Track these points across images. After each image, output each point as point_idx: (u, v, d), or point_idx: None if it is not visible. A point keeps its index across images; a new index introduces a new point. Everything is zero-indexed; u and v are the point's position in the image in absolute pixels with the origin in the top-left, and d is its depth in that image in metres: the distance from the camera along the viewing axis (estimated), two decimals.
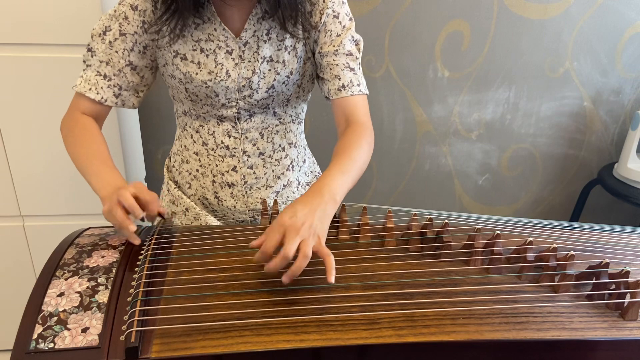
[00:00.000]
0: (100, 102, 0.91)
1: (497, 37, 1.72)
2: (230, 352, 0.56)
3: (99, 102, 0.91)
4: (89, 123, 0.92)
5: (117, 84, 0.91)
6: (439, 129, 1.86)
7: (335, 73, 0.92)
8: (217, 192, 1.01)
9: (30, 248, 1.50)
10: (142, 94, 0.96)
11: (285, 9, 0.86)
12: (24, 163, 1.38)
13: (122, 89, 0.92)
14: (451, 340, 0.59)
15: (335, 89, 0.92)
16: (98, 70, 0.91)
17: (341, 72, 0.92)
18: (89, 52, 0.91)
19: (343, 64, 0.92)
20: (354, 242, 0.79)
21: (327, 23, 0.91)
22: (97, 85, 0.91)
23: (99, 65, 0.90)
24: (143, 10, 0.88)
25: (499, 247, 0.75)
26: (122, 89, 0.92)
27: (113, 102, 0.92)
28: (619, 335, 0.62)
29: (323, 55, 0.92)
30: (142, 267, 0.68)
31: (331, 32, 0.91)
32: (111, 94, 0.92)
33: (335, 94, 0.92)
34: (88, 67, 0.92)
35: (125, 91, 0.93)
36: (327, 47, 0.92)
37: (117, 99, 0.93)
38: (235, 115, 0.95)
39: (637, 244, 0.85)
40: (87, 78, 0.91)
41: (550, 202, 2.05)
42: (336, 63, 0.92)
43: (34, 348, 0.56)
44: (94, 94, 0.90)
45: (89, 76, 0.91)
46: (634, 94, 1.86)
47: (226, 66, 0.90)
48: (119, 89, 0.92)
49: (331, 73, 0.92)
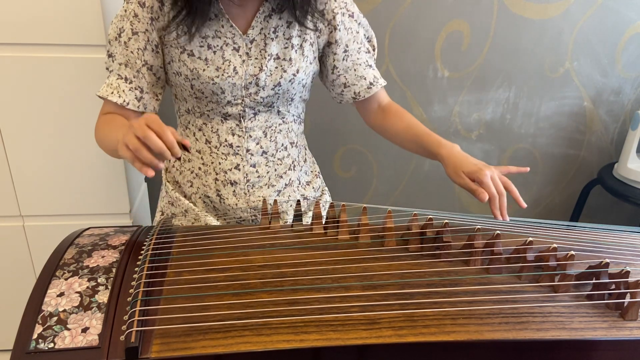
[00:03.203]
0: (122, 105, 0.91)
1: (497, 37, 1.71)
2: (230, 352, 0.56)
3: (122, 105, 0.91)
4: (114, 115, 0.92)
5: (137, 86, 0.92)
6: (439, 129, 1.86)
7: (359, 74, 0.99)
8: (219, 190, 1.01)
9: (30, 248, 1.50)
10: (160, 96, 0.96)
11: (297, 3, 0.87)
12: (24, 163, 1.38)
13: (143, 92, 0.92)
14: (451, 340, 0.59)
15: (364, 89, 1.01)
16: (119, 74, 0.91)
17: (364, 71, 1.00)
18: (110, 57, 0.91)
19: (365, 63, 1.00)
20: (354, 242, 0.79)
21: (344, 22, 0.95)
22: (119, 89, 0.91)
23: (119, 68, 0.91)
24: (150, 7, 0.88)
25: (499, 247, 0.75)
26: (143, 91, 0.92)
27: (135, 106, 0.92)
28: (619, 335, 0.62)
29: (349, 53, 0.96)
30: (142, 267, 0.68)
31: (351, 29, 0.95)
32: (133, 97, 0.92)
33: (366, 92, 1.01)
34: (111, 72, 0.92)
35: (146, 94, 0.93)
36: (352, 44, 0.97)
37: (139, 102, 0.92)
38: (240, 113, 0.95)
39: (637, 244, 0.85)
40: (110, 83, 0.92)
41: (550, 202, 2.05)
42: (359, 63, 0.99)
43: (34, 348, 0.56)
44: (116, 97, 0.91)
45: (111, 81, 0.92)
46: (634, 94, 1.86)
47: (233, 63, 0.90)
48: (140, 91, 0.92)
49: (356, 75, 0.99)
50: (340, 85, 1.00)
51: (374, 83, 1.01)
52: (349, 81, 0.99)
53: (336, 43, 0.95)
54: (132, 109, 0.92)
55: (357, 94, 1.01)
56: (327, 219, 0.83)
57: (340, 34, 0.95)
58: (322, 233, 0.82)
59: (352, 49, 0.97)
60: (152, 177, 0.70)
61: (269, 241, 0.79)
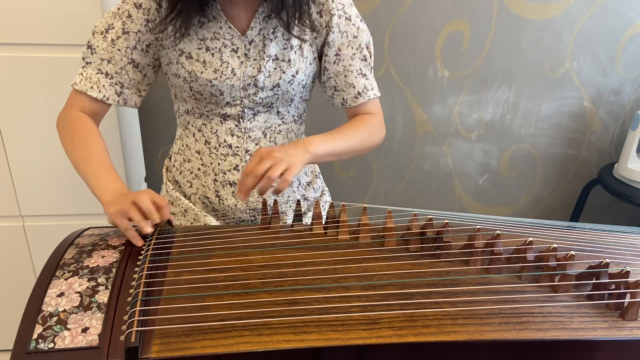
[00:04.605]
0: (102, 100, 0.91)
1: (497, 37, 1.72)
2: (230, 352, 0.56)
3: (101, 100, 0.91)
4: (88, 122, 0.91)
5: (118, 82, 0.91)
6: (439, 129, 1.86)
7: (349, 81, 0.96)
8: (218, 191, 1.01)
9: (30, 248, 1.50)
10: (144, 92, 0.96)
11: (289, 10, 0.86)
12: (24, 163, 1.38)
13: (124, 87, 0.92)
14: (451, 340, 0.59)
15: (352, 97, 0.97)
16: (99, 68, 0.90)
17: (355, 79, 0.96)
18: (89, 49, 0.91)
19: (357, 71, 0.96)
20: (354, 242, 0.79)
21: (340, 24, 0.92)
22: (99, 84, 0.90)
23: (100, 63, 0.90)
24: (147, 9, 0.88)
25: (499, 247, 0.75)
26: (124, 87, 0.92)
27: (115, 101, 0.92)
28: (619, 335, 0.62)
29: (341, 58, 0.93)
30: (142, 267, 0.68)
31: (347, 33, 0.93)
32: (113, 92, 0.91)
33: (352, 101, 0.97)
34: (88, 64, 0.91)
35: (127, 89, 0.93)
36: (345, 48, 0.94)
37: (119, 97, 0.92)
38: (239, 113, 0.95)
39: (637, 244, 0.85)
40: (88, 76, 0.91)
41: (550, 202, 2.05)
42: (351, 70, 0.95)
43: (34, 348, 0.56)
44: (95, 92, 0.90)
45: (89, 74, 0.91)
46: (634, 94, 1.86)
47: (232, 64, 0.90)
48: (121, 87, 0.92)
49: (345, 81, 0.96)
50: (331, 88, 0.98)
51: (362, 93, 0.96)
52: (339, 86, 0.97)
53: (328, 45, 0.93)
54: (112, 103, 0.92)
55: (344, 101, 0.98)
56: (327, 219, 0.83)
57: (334, 36, 0.93)
58: (322, 233, 0.82)
59: (345, 54, 0.94)
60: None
61: (269, 241, 0.79)
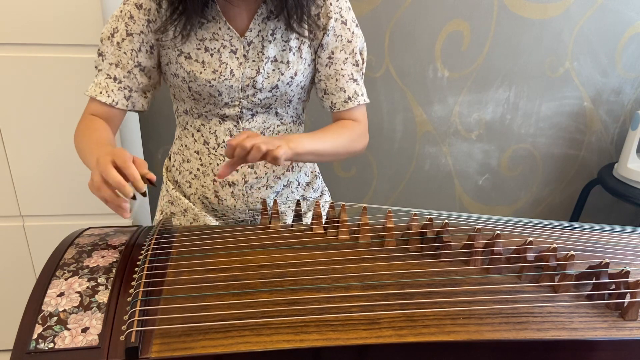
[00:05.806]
0: (111, 105, 0.91)
1: (497, 37, 1.72)
2: (230, 352, 0.56)
3: (110, 105, 0.91)
4: (96, 120, 0.91)
5: (127, 86, 0.91)
6: (439, 129, 1.86)
7: (340, 85, 0.96)
8: (217, 191, 1.01)
9: (30, 248, 1.50)
10: (149, 95, 0.96)
11: (292, 8, 0.86)
12: (24, 163, 1.38)
13: (132, 91, 0.92)
14: (451, 340, 0.59)
15: (341, 102, 0.97)
16: (108, 73, 0.90)
17: (346, 84, 0.96)
18: (100, 56, 0.91)
19: (349, 75, 0.96)
20: (354, 242, 0.79)
21: (335, 28, 0.92)
22: (108, 89, 0.90)
23: (109, 67, 0.90)
24: (147, 9, 0.88)
25: (499, 247, 0.75)
26: (132, 90, 0.92)
27: (124, 105, 0.92)
28: (619, 335, 0.62)
29: (333, 61, 0.93)
30: (142, 267, 0.68)
31: (342, 37, 0.93)
32: (122, 96, 0.91)
33: (342, 106, 0.97)
34: (99, 71, 0.92)
35: (135, 93, 0.93)
36: (338, 52, 0.94)
37: (128, 101, 0.92)
38: (238, 114, 0.95)
39: (637, 244, 0.85)
40: (98, 82, 0.91)
41: (550, 202, 2.05)
42: (342, 74, 0.95)
43: (34, 348, 0.56)
44: (104, 97, 0.90)
45: (99, 80, 0.91)
46: (634, 94, 1.86)
47: (230, 65, 0.90)
48: (129, 91, 0.92)
49: (336, 85, 0.96)
50: (321, 90, 0.98)
51: (352, 98, 0.96)
52: (329, 89, 0.96)
53: (322, 47, 0.93)
54: (121, 107, 0.92)
55: (333, 104, 0.97)
56: (327, 219, 0.83)
57: (328, 38, 0.93)
58: (322, 233, 0.82)
59: (338, 58, 0.94)
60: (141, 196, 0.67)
61: (269, 241, 0.79)
